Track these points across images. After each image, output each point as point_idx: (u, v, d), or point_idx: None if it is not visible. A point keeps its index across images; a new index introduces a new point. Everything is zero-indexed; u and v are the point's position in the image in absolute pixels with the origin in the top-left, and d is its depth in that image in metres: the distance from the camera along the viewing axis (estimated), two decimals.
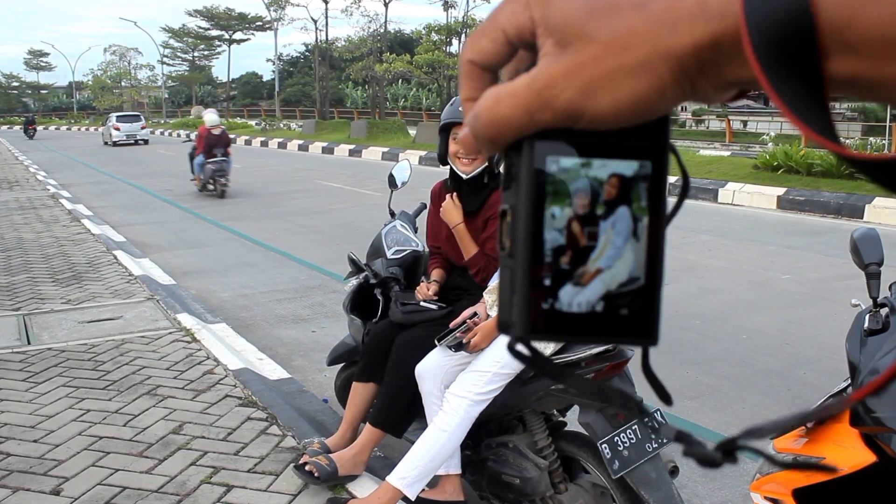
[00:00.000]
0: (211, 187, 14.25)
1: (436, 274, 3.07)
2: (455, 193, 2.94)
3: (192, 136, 15.86)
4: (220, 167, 13.90)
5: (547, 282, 0.35)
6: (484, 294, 2.73)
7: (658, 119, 0.34)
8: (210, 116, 14.69)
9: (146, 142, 35.28)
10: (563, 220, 0.35)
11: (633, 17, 0.32)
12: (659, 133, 0.35)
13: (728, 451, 0.32)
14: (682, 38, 0.31)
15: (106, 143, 35.74)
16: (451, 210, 2.91)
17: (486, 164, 2.86)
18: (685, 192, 0.37)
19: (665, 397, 0.37)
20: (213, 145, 13.99)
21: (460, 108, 2.80)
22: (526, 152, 0.35)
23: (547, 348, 2.56)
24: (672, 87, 0.32)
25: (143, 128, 35.62)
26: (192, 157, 14.82)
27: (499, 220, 0.38)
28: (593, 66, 0.32)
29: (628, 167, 0.35)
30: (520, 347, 0.37)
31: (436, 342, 2.72)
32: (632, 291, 0.35)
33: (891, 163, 0.29)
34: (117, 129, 34.80)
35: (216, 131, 14.18)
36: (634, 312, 0.35)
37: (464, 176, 2.89)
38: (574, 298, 0.35)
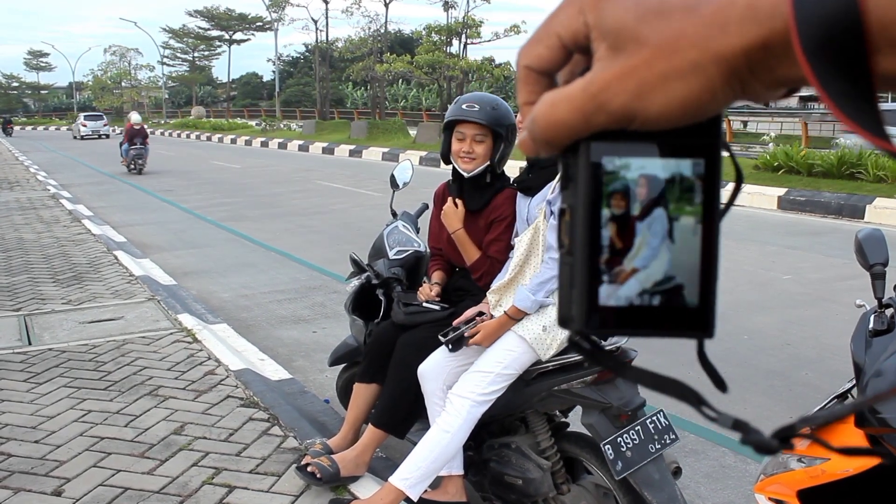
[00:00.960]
0: (132, 167, 19.57)
1: (436, 276, 3.06)
2: (457, 198, 2.92)
3: (120, 130, 23.85)
4: (139, 152, 19.47)
5: (605, 278, 0.37)
6: (488, 294, 2.72)
7: (710, 118, 0.35)
8: (134, 116, 20.26)
9: (108, 136, 43.13)
10: (617, 218, 0.36)
11: (683, 20, 0.33)
12: (711, 131, 0.36)
13: (784, 437, 0.33)
14: (732, 40, 0.32)
15: (75, 137, 43.43)
16: (451, 215, 2.90)
17: (488, 163, 2.85)
18: (738, 188, 0.39)
19: (720, 384, 0.39)
20: (134, 136, 19.49)
21: (464, 107, 2.82)
22: (582, 153, 0.36)
23: (550, 349, 2.56)
24: (723, 87, 0.33)
25: (105, 125, 44.36)
26: (121, 145, 20.29)
27: (559, 218, 0.39)
28: (645, 69, 0.34)
29: (683, 166, 0.36)
30: (580, 341, 0.38)
31: (440, 337, 2.72)
32: (674, 288, 0.36)
33: None
34: (84, 125, 43.30)
35: (137, 126, 19.73)
36: (690, 307, 0.37)
37: (465, 174, 2.88)
38: (624, 293, 0.36)
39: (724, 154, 0.38)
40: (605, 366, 0.40)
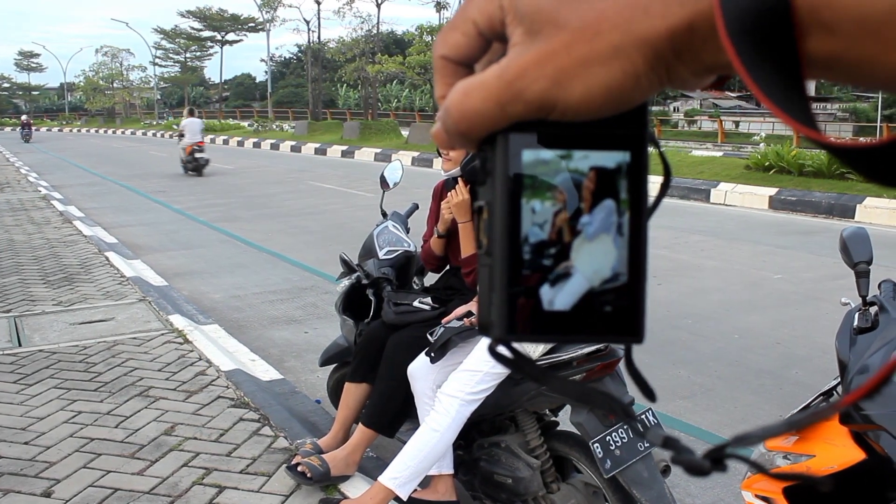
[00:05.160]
0: (24, 140, 38.06)
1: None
2: (469, 186, 2.91)
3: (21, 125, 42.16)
4: (28, 132, 39.37)
5: (527, 280, 0.33)
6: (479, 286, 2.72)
7: (636, 108, 0.33)
8: (24, 118, 42.43)
9: None
10: (541, 215, 0.33)
11: (604, 1, 0.31)
12: (638, 122, 0.34)
13: (717, 458, 0.31)
14: (656, 23, 0.30)
15: None
16: (463, 206, 2.86)
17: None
18: (667, 184, 0.36)
19: (649, 394, 0.37)
20: (25, 126, 39.89)
21: None
22: (500, 146, 0.33)
23: (537, 348, 2.57)
24: (647, 73, 0.31)
25: None
26: (21, 131, 40.19)
27: (476, 216, 0.36)
28: (564, 54, 0.31)
29: (608, 158, 0.33)
30: (501, 349, 0.35)
31: (428, 336, 2.72)
32: (615, 289, 0.34)
33: (870, 150, 0.28)
34: None
35: (26, 122, 40.48)
36: (619, 310, 0.34)
37: (442, 173, 2.92)
38: (555, 296, 0.34)
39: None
40: (527, 375, 0.36)
